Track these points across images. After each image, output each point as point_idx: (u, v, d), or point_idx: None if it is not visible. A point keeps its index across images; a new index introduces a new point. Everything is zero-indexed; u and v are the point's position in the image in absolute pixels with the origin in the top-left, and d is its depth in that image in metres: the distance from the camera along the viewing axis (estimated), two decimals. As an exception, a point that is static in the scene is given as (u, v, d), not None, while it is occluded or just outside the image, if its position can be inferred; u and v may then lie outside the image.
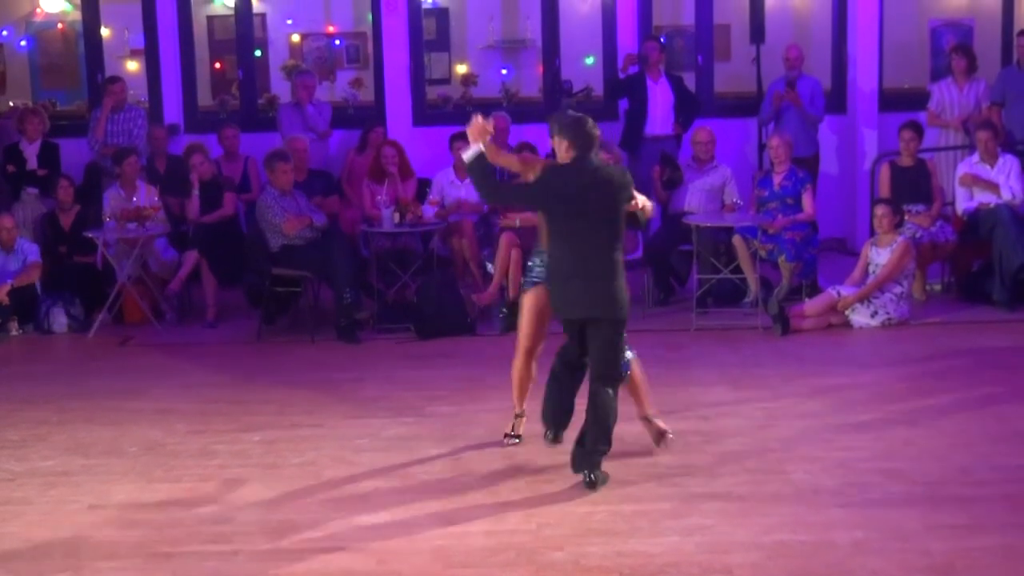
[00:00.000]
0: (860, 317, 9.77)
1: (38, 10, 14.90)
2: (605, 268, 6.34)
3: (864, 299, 9.77)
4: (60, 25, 15.13)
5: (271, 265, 10.03)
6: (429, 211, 10.73)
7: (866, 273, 9.94)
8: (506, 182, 7.36)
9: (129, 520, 6.14)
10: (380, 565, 5.53)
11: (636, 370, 6.75)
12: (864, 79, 12.74)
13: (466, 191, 10.81)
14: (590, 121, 6.48)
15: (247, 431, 7.53)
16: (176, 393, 8.48)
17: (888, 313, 9.78)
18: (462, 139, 10.96)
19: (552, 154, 6.80)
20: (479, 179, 6.51)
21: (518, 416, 7.09)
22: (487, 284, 10.34)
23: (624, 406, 6.64)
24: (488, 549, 5.65)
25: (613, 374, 6.45)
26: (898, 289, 9.82)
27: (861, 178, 12.51)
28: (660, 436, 6.86)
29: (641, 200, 6.64)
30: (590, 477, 6.36)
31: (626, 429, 7.10)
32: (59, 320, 10.45)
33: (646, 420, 6.86)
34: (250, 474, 6.76)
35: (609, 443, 6.46)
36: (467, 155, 6.49)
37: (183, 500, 6.39)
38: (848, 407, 7.68)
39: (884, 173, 10.93)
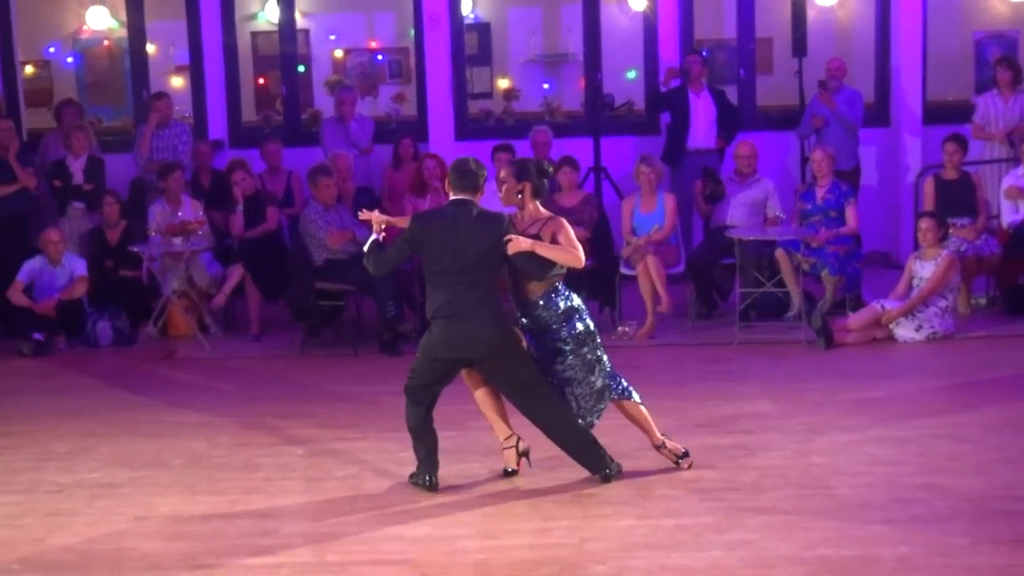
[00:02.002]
0: (904, 331, 9.71)
1: (85, 27, 15.04)
2: (477, 308, 6.43)
3: (908, 313, 9.71)
4: (106, 42, 15.27)
5: (315, 279, 10.08)
6: None
7: (910, 287, 9.88)
8: (382, 249, 6.88)
9: (174, 532, 6.18)
10: (423, 578, 5.56)
11: (632, 409, 6.72)
12: (908, 91, 12.66)
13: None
14: (468, 162, 6.62)
15: (291, 444, 7.57)
16: (220, 406, 8.54)
17: (933, 327, 9.71)
18: (503, 151, 11.09)
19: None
20: (370, 263, 6.73)
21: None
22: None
23: (664, 418, 6.65)
24: (531, 562, 5.65)
25: (528, 404, 6.58)
26: (943, 303, 9.75)
27: (905, 191, 12.43)
28: (681, 456, 6.79)
29: (525, 243, 6.42)
30: (605, 472, 6.59)
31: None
32: (105, 333, 10.54)
33: (660, 448, 6.79)
34: (294, 487, 6.80)
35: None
36: (366, 246, 6.75)
37: (227, 512, 6.43)
38: (892, 421, 7.62)
39: (928, 186, 10.86)
